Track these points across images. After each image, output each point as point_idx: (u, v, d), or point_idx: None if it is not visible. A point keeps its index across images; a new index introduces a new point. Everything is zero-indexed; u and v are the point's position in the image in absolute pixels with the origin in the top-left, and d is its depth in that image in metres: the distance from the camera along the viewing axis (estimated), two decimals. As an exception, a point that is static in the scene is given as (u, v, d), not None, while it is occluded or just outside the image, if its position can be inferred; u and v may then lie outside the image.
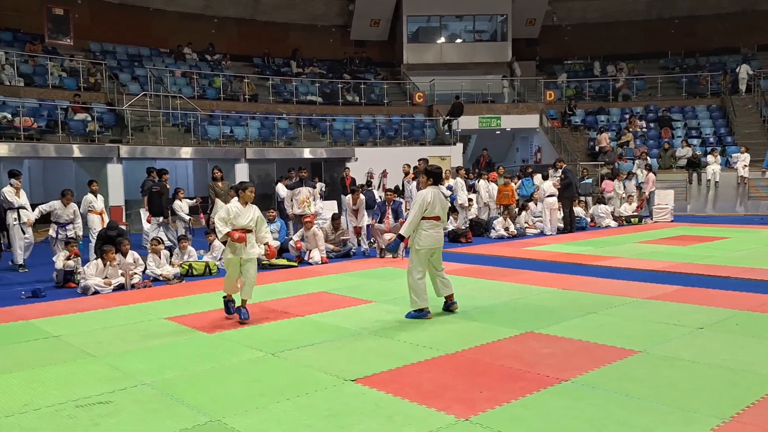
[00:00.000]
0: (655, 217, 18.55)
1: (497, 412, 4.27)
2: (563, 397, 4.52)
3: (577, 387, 4.70)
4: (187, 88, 23.98)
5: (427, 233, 7.06)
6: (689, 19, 30.61)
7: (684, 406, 4.30)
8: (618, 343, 5.75)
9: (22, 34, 23.28)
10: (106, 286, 9.28)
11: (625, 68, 30.02)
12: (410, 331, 6.49)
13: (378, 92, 28.35)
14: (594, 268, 10.34)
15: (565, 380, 4.82)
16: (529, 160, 28.03)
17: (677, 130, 25.76)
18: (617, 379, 4.83)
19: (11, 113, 18.14)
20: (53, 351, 6.11)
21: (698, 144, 24.10)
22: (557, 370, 5.07)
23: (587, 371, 5.01)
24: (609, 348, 5.64)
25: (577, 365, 5.17)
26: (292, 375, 5.17)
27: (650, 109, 27.48)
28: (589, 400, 4.43)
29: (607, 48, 31.18)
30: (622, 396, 4.49)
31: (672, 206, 18.78)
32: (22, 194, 12.14)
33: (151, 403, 4.61)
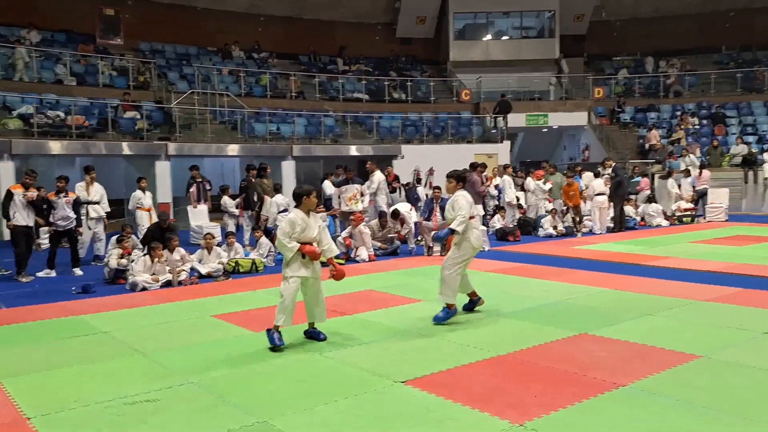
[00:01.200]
0: (708, 217, 17.97)
1: (552, 418, 4.10)
2: (621, 403, 4.33)
3: (635, 393, 4.50)
4: (234, 86, 24.19)
5: (478, 232, 7.15)
6: (746, 12, 29.60)
7: (749, 415, 4.07)
8: (677, 347, 5.51)
9: (75, 34, 23.81)
10: (153, 282, 9.37)
11: (677, 64, 29.23)
12: (459, 331, 6.35)
13: (424, 90, 28.18)
14: (647, 268, 10.02)
15: (623, 385, 4.63)
16: (577, 159, 27.52)
17: (731, 127, 24.98)
18: (677, 386, 4.61)
19: (64, 112, 18.55)
20: (102, 347, 6.15)
21: (754, 141, 23.30)
22: (613, 374, 4.87)
23: (645, 376, 4.80)
24: (667, 352, 5.41)
25: (634, 370, 4.96)
26: (339, 376, 5.08)
27: (703, 105, 26.71)
28: (648, 408, 4.23)
29: (658, 43, 30.41)
30: (683, 403, 4.28)
31: (726, 205, 18.17)
32: (93, 189, 12.39)
33: (198, 401, 4.57)
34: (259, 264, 10.89)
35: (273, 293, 8.58)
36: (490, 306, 7.33)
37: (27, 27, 22.17)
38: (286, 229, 6.01)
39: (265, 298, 8.34)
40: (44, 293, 9.10)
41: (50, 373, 5.29)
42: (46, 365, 5.52)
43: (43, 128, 17.81)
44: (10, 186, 10.71)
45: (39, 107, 18.32)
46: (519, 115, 26.21)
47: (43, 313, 7.67)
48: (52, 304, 8.28)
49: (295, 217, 6.04)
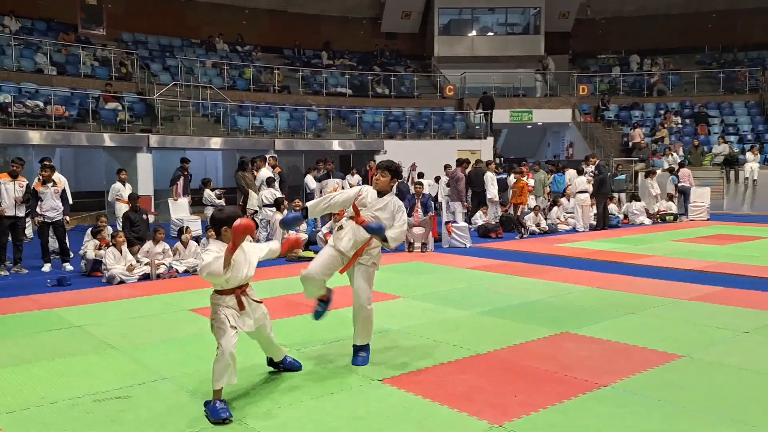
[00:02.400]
0: (690, 215, 18.05)
1: (533, 418, 4.02)
2: (603, 403, 4.26)
3: (617, 393, 4.43)
4: (218, 79, 23.98)
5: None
6: (728, 14, 29.80)
7: (734, 416, 4.02)
8: (659, 347, 5.46)
9: (56, 23, 23.45)
10: (131, 275, 9.20)
11: (661, 63, 29.35)
12: (440, 329, 6.26)
13: (408, 85, 28.09)
14: (630, 266, 10.00)
15: (605, 385, 4.56)
16: (561, 155, 27.58)
17: (714, 126, 25.12)
18: (660, 386, 4.55)
19: (43, 102, 18.23)
20: (75, 341, 5.99)
21: (735, 141, 23.43)
22: (595, 374, 4.80)
23: (627, 376, 4.74)
24: (650, 351, 5.36)
25: (617, 369, 4.89)
26: (316, 373, 4.98)
27: (686, 104, 26.86)
28: (630, 407, 4.16)
29: (642, 42, 30.55)
30: (666, 404, 4.23)
31: (708, 204, 18.26)
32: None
33: (170, 398, 4.45)
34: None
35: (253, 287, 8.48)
36: (471, 304, 7.25)
37: (7, 14, 21.78)
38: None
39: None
40: (17, 286, 8.90)
41: (18, 369, 5.13)
42: (14, 360, 5.36)
43: (21, 118, 17.50)
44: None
45: (17, 96, 17.97)
46: (503, 111, 26.22)
47: (14, 307, 7.49)
48: (25, 297, 8.09)
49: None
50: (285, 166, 22.05)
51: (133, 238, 10.56)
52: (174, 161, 20.70)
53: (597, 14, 31.19)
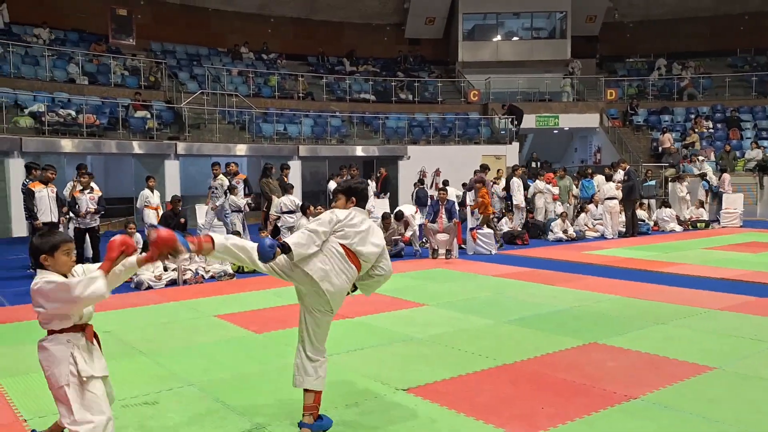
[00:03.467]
0: (722, 222, 17.73)
1: (560, 430, 3.95)
2: (633, 416, 4.17)
3: (648, 405, 4.34)
4: (243, 87, 24.18)
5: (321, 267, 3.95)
6: (760, 15, 29.25)
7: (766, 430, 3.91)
8: (690, 358, 5.34)
9: (88, 34, 23.88)
10: (159, 281, 9.29)
11: (691, 66, 28.95)
12: (465, 337, 6.20)
13: (432, 90, 28.05)
14: (660, 275, 9.83)
15: (634, 398, 4.47)
16: (588, 161, 27.30)
17: (746, 131, 24.67)
18: (692, 399, 4.46)
19: (75, 110, 18.58)
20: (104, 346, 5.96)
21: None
22: (625, 385, 4.71)
23: (658, 388, 4.64)
24: (681, 363, 5.25)
25: (647, 381, 4.80)
26: (340, 381, 4.94)
27: (717, 109, 26.40)
28: (661, 421, 4.08)
29: (671, 45, 30.18)
30: (699, 417, 4.13)
31: (741, 211, 17.94)
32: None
33: (197, 405, 4.46)
34: (264, 265, 10.79)
35: (276, 294, 8.57)
36: (497, 312, 7.18)
37: (40, 26, 22.21)
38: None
39: (268, 299, 8.27)
40: (48, 292, 9.01)
41: (47, 376, 5.18)
42: (43, 367, 5.41)
43: (54, 126, 17.85)
44: (30, 184, 10.65)
45: (50, 106, 18.36)
46: (529, 116, 26.01)
47: (44, 313, 7.56)
48: (55, 303, 8.18)
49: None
50: (308, 172, 22.21)
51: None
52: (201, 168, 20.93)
53: (624, 17, 30.88)
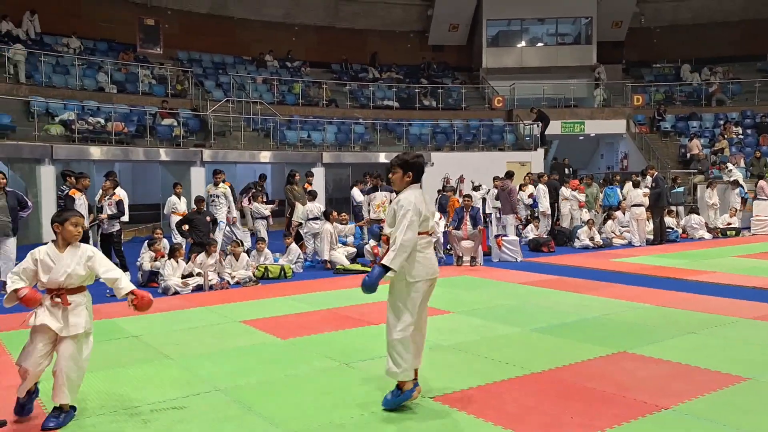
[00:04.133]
0: (753, 230, 17.42)
1: (590, 440, 3.90)
2: (664, 427, 4.09)
3: (679, 416, 4.26)
4: (268, 94, 24.39)
5: (423, 255, 4.58)
6: (791, 19, 28.87)
7: (805, 443, 3.82)
8: (723, 368, 5.23)
9: (117, 44, 24.28)
10: (185, 287, 9.36)
11: (719, 71, 28.56)
12: (492, 345, 6.15)
13: (455, 97, 28.04)
14: (690, 283, 9.68)
15: (665, 408, 4.39)
16: (615, 167, 27.04)
17: (777, 137, 24.28)
18: (725, 410, 4.36)
19: (104, 118, 18.87)
20: (132, 351, 6.11)
21: (801, 151, 22.61)
22: (655, 395, 4.63)
23: (689, 399, 4.55)
24: (713, 373, 5.14)
25: (678, 391, 4.71)
26: (365, 388, 4.92)
27: (747, 114, 26.04)
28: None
29: (699, 50, 29.80)
30: (732, 428, 4.04)
31: (774, 217, 17.61)
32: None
33: (224, 410, 4.48)
34: (287, 270, 10.85)
35: (301, 300, 8.61)
36: (523, 320, 7.11)
37: (70, 36, 22.60)
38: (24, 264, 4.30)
39: (294, 305, 8.28)
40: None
41: (78, 379, 5.23)
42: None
43: (83, 134, 18.14)
44: (69, 191, 10.82)
45: (80, 114, 18.68)
46: (554, 122, 25.87)
47: (73, 318, 7.65)
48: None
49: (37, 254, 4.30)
50: (332, 179, 22.28)
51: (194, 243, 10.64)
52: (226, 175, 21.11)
53: (651, 22, 30.59)
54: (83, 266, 4.28)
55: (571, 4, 29.63)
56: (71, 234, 4.30)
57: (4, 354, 6.01)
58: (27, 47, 20.85)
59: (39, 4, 22.57)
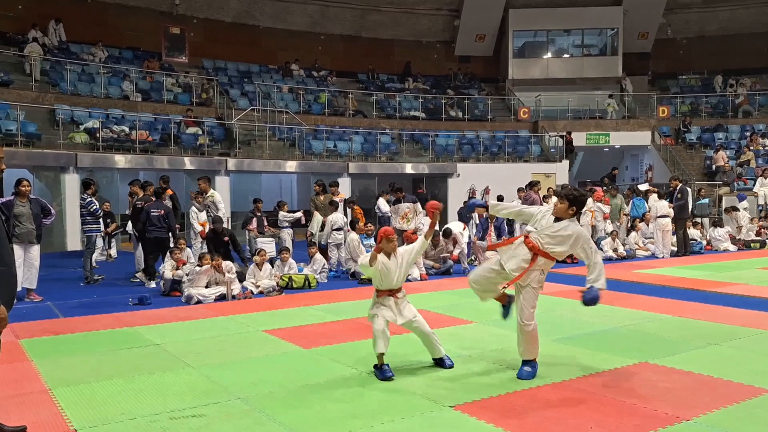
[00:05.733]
0: (779, 242, 17.18)
1: (610, 451, 3.87)
2: (685, 439, 4.07)
3: (701, 428, 4.23)
4: (294, 104, 24.52)
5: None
6: (818, 30, 28.54)
7: (830, 458, 3.76)
8: (745, 380, 5.18)
9: (142, 52, 24.59)
10: (207, 296, 9.42)
11: (746, 83, 28.27)
12: (513, 355, 6.10)
13: (482, 108, 28.03)
14: (713, 294, 9.58)
15: (686, 419, 4.35)
16: (639, 179, 26.81)
17: (805, 149, 23.98)
18: (747, 421, 4.32)
19: (129, 127, 19.09)
20: (153, 359, 6.16)
21: (829, 163, 22.29)
22: (676, 406, 4.59)
23: (711, 410, 4.51)
24: (735, 385, 5.09)
25: (700, 403, 4.67)
26: (386, 397, 4.94)
27: (774, 126, 25.73)
28: (715, 445, 3.96)
29: (725, 62, 29.56)
30: (754, 442, 4.00)
31: (798, 230, 17.37)
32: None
33: (244, 419, 4.50)
34: (312, 280, 10.87)
35: (325, 309, 8.61)
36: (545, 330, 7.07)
37: (96, 44, 22.96)
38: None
39: (317, 315, 8.29)
40: (101, 304, 9.27)
41: (100, 385, 5.31)
42: (96, 376, 5.55)
43: (107, 142, 18.37)
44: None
45: (105, 122, 18.91)
46: (579, 134, 25.81)
47: (97, 324, 7.78)
48: (108, 314, 8.40)
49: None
50: (358, 189, 22.32)
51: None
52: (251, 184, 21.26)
53: (678, 34, 30.40)
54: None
55: (597, 15, 29.57)
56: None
57: (26, 360, 6.11)
58: (54, 56, 21.24)
59: (65, 13, 23.00)
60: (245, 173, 20.85)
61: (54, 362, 6.03)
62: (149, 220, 11.19)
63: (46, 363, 5.97)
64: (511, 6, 29.29)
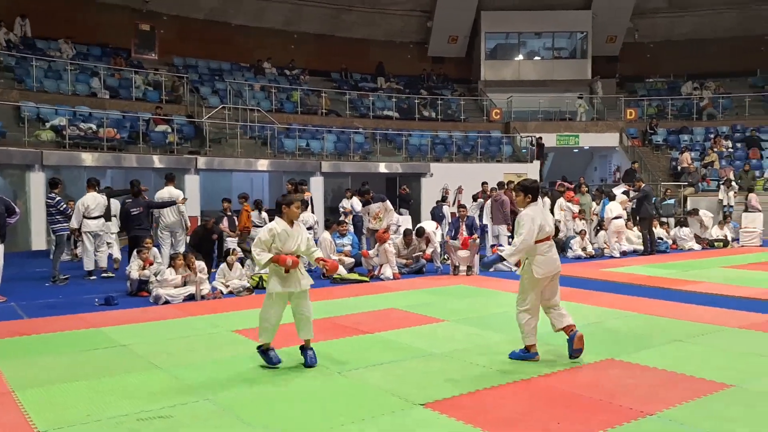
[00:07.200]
0: (742, 241, 17.55)
1: (576, 447, 3.94)
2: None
3: (664, 422, 4.31)
4: (266, 102, 24.39)
5: (545, 258, 5.88)
6: (781, 36, 29.23)
7: (787, 451, 3.86)
8: (708, 376, 5.29)
9: (111, 49, 24.24)
10: (176, 296, 9.32)
11: (711, 86, 28.84)
12: (484, 354, 6.18)
13: (455, 108, 28.18)
14: (678, 292, 9.76)
15: (650, 414, 4.44)
16: (608, 180, 27.21)
17: (766, 150, 24.48)
18: (708, 416, 4.41)
19: (96, 124, 18.81)
20: (120, 360, 6.09)
21: (790, 165, 22.81)
22: (641, 402, 4.68)
23: (674, 405, 4.61)
24: (698, 380, 5.20)
25: (663, 398, 4.77)
26: (357, 396, 4.96)
27: (737, 128, 26.27)
28: (678, 439, 4.04)
29: (691, 66, 30.17)
30: (716, 436, 4.09)
31: (761, 230, 17.75)
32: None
33: (211, 420, 4.47)
34: (283, 279, 10.77)
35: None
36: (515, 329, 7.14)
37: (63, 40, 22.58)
38: (263, 238, 5.70)
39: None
40: (66, 304, 9.11)
41: (65, 386, 5.23)
42: (61, 378, 5.47)
43: (75, 140, 18.07)
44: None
45: (72, 119, 18.60)
46: (550, 135, 26.12)
47: (63, 325, 7.65)
48: (73, 315, 8.27)
49: (275, 227, 5.74)
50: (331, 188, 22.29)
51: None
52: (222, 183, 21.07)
53: (645, 38, 30.90)
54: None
55: (567, 18, 29.97)
56: (295, 214, 5.80)
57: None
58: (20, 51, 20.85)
59: (31, 8, 22.57)
60: (216, 172, 20.67)
61: (18, 364, 5.93)
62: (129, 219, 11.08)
63: (10, 365, 5.86)
64: (483, 8, 29.51)
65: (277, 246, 5.68)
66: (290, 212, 5.79)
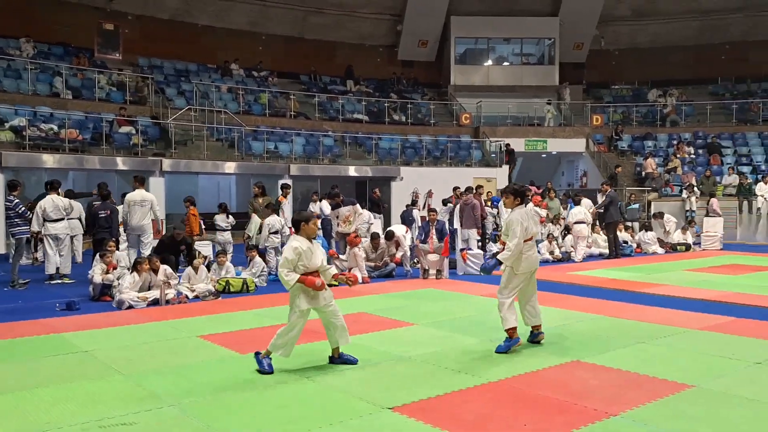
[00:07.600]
0: (703, 245, 17.90)
1: (542, 448, 3.96)
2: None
3: (627, 423, 4.37)
4: (233, 104, 24.17)
5: (528, 255, 6.47)
6: (741, 45, 30.00)
7: (747, 450, 3.94)
8: (670, 376, 5.38)
9: (73, 48, 23.79)
10: (140, 300, 9.15)
11: (675, 94, 29.43)
12: (452, 357, 6.20)
13: (425, 112, 28.27)
14: (642, 295, 9.91)
15: (614, 415, 4.50)
16: (575, 185, 27.56)
17: (727, 157, 25.03)
18: (670, 416, 4.49)
19: (58, 125, 18.42)
20: (82, 366, 5.97)
21: (749, 171, 23.31)
22: (605, 403, 4.74)
23: (637, 405, 4.68)
24: (660, 381, 5.29)
25: (627, 399, 4.83)
26: (324, 401, 4.93)
27: (699, 135, 26.82)
28: (641, 440, 4.10)
29: (655, 73, 30.82)
30: (678, 436, 4.15)
31: (721, 234, 18.12)
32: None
33: (177, 426, 4.41)
34: (250, 284, 10.69)
35: (263, 314, 8.50)
36: (484, 332, 7.20)
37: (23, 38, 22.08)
38: (290, 257, 5.62)
39: (255, 319, 8.19)
40: (26, 309, 8.90)
41: (25, 394, 5.11)
42: (21, 385, 5.34)
43: (35, 141, 17.68)
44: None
45: (32, 120, 18.18)
46: (518, 140, 26.39)
47: (23, 330, 7.48)
48: (34, 321, 8.08)
49: (300, 245, 5.67)
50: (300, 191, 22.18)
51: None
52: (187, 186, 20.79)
53: (611, 45, 31.42)
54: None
55: (535, 25, 30.34)
56: (313, 231, 5.86)
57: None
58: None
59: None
60: (182, 174, 20.41)
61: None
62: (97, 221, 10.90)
63: (-32, 370, 5.72)
64: (453, 13, 29.71)
65: (303, 263, 5.65)
66: (308, 229, 5.80)
